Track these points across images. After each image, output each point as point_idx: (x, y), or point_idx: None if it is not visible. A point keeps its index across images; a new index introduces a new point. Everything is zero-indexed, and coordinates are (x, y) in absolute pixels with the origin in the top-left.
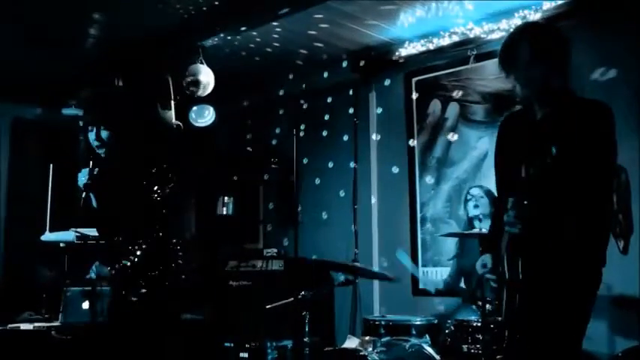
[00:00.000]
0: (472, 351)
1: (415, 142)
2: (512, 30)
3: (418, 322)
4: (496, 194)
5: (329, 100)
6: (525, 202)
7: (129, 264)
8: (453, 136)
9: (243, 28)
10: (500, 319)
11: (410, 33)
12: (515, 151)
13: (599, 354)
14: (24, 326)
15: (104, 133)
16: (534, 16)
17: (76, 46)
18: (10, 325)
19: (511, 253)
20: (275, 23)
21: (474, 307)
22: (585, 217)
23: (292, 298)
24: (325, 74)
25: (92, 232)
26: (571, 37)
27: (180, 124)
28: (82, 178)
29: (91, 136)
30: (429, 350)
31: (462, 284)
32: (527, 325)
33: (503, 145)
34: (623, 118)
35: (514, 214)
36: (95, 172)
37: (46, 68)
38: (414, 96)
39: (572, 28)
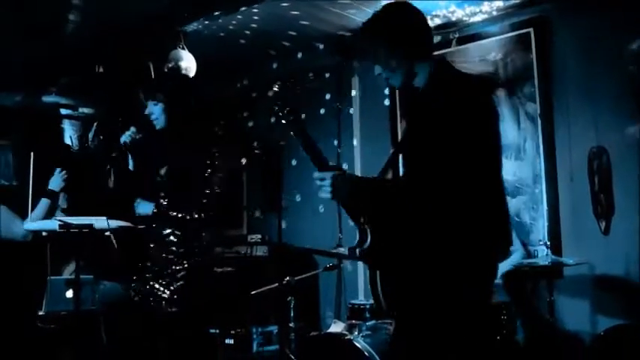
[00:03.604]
0: None
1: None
2: None
3: None
4: None
5: (311, 84)
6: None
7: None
8: None
9: (223, 13)
10: None
11: None
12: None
13: (582, 333)
14: None
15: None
16: None
17: (56, 33)
18: None
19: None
20: (255, 6)
21: None
22: (456, 209)
23: (277, 284)
24: (306, 58)
25: (76, 220)
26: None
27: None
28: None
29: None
30: None
31: None
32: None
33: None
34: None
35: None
36: (138, 137)
37: (25, 55)
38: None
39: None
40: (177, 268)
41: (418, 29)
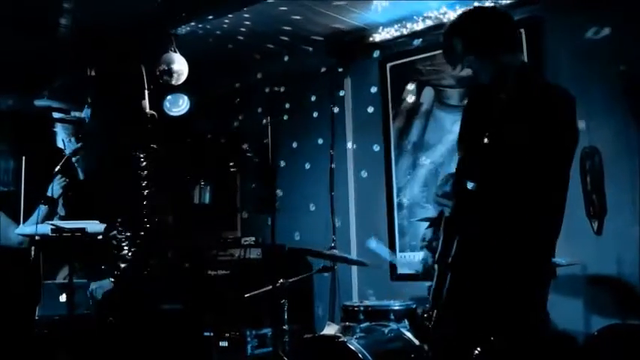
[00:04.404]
0: None
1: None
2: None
3: (397, 307)
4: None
5: (304, 86)
6: (467, 190)
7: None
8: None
9: (214, 16)
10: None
11: (384, 18)
12: (474, 132)
13: (575, 332)
14: None
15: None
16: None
17: (47, 36)
18: None
19: (445, 232)
20: (246, 9)
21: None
22: (529, 213)
23: (271, 286)
24: (300, 60)
25: (68, 224)
26: None
27: (155, 113)
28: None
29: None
30: (408, 335)
31: None
32: (453, 308)
33: (469, 120)
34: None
35: (442, 192)
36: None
37: (16, 58)
38: (389, 81)
39: None
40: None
41: (509, 26)
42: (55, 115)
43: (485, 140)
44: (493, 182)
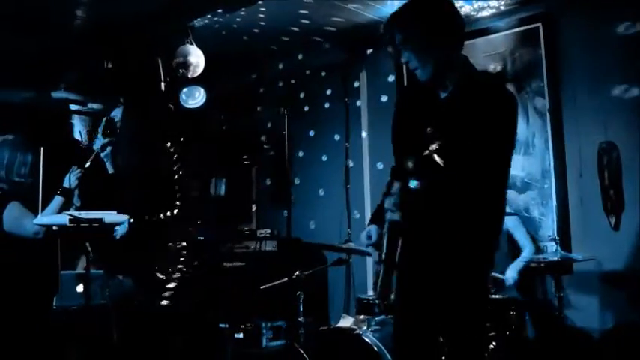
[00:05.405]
0: None
1: None
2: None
3: None
4: None
5: (320, 79)
6: (410, 190)
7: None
8: None
9: (231, 8)
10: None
11: None
12: (411, 130)
13: (589, 329)
14: None
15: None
16: None
17: (64, 29)
18: None
19: (390, 235)
20: (261, 2)
21: None
22: (471, 214)
23: (286, 278)
24: (315, 53)
25: (86, 214)
26: None
27: (171, 105)
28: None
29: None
30: None
31: None
32: (403, 307)
33: (402, 118)
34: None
35: (394, 202)
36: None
37: (34, 51)
38: (405, 74)
39: None
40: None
41: (455, 20)
42: (72, 106)
43: (426, 138)
44: (436, 180)
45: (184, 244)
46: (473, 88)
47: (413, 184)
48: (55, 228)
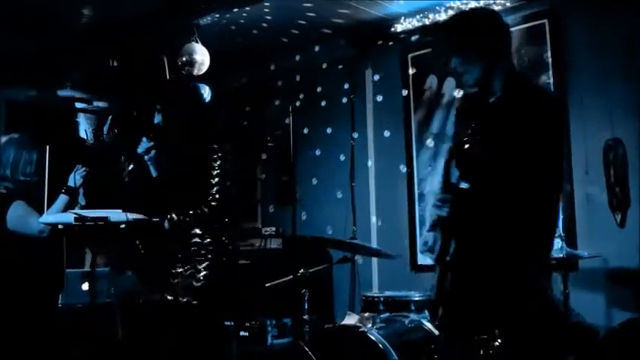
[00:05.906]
0: None
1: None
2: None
3: (417, 298)
4: None
5: (325, 77)
6: (458, 187)
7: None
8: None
9: (236, 5)
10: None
11: (406, 8)
12: (461, 134)
13: (596, 327)
14: None
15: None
16: None
17: (69, 27)
18: None
19: (444, 234)
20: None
21: None
22: (522, 216)
23: (291, 276)
24: (321, 50)
25: (91, 213)
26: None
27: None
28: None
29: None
30: (429, 325)
31: None
32: (453, 308)
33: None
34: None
35: (442, 197)
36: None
37: (39, 49)
38: (411, 72)
39: None
40: (200, 259)
41: (502, 27)
42: (78, 105)
43: (475, 142)
44: (487, 182)
45: (209, 240)
46: (521, 92)
47: (464, 185)
48: (60, 226)
